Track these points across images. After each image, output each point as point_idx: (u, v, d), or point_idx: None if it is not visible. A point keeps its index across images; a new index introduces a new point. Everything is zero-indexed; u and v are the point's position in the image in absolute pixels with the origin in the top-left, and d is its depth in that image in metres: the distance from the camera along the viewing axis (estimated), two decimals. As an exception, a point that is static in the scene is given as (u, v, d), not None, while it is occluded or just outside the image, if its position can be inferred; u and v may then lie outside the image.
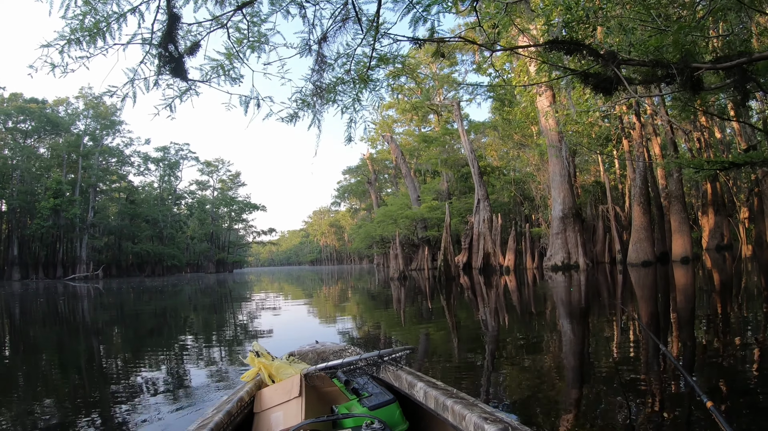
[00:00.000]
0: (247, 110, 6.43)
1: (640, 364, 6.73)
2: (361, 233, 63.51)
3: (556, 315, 12.23)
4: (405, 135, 70.08)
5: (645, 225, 28.23)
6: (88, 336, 12.45)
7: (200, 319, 15.81)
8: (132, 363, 8.46)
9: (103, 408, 5.61)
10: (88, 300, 26.46)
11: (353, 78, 6.61)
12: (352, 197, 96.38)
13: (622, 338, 8.72)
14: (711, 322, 9.64)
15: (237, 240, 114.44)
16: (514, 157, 53.35)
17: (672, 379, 5.78)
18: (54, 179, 69.05)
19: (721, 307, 11.66)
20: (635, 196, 28.83)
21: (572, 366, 6.97)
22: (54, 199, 66.45)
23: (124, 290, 35.49)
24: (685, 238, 27.88)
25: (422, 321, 12.46)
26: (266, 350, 4.17)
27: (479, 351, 8.09)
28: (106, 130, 79.41)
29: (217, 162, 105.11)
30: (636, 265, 27.87)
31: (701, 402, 2.64)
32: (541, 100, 31.66)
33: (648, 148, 29.69)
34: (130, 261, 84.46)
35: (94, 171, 74.94)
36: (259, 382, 3.78)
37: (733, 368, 6.27)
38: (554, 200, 32.39)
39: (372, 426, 2.83)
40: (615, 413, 4.73)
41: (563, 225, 31.44)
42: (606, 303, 13.97)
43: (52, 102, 76.92)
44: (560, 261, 31.10)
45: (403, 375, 3.56)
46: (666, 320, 10.39)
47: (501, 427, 2.34)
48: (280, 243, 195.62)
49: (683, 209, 28.54)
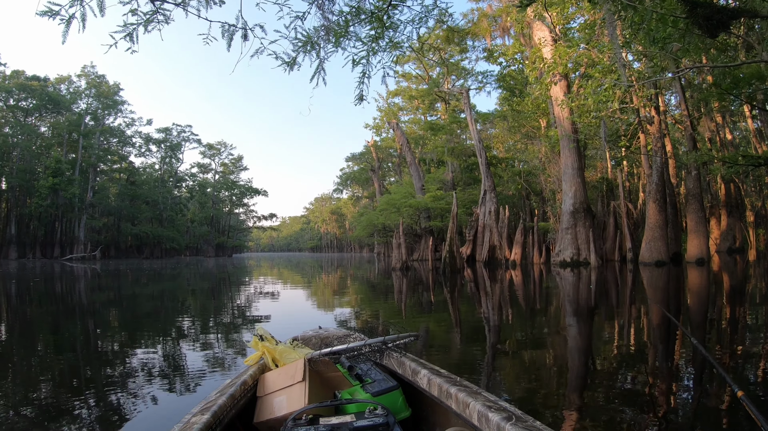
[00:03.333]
0: (230, 44, 5.25)
1: (671, 356, 6.90)
2: (363, 221, 63.13)
3: (585, 313, 11.50)
4: (411, 123, 69.45)
5: (660, 224, 27.19)
6: (84, 318, 12.06)
7: (198, 303, 15.60)
8: (129, 347, 8.18)
9: (99, 391, 5.42)
10: (85, 281, 26.00)
11: (371, 11, 5.44)
12: (355, 185, 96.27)
13: (651, 332, 8.86)
14: (741, 321, 9.57)
15: (237, 224, 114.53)
16: (521, 149, 52.74)
17: (702, 370, 5.93)
18: (54, 158, 68.52)
19: (750, 308, 11.56)
20: (651, 192, 27.72)
21: (604, 361, 6.78)
22: (53, 178, 66.08)
23: (122, 272, 35.12)
24: (702, 239, 26.88)
25: (425, 313, 11.69)
26: (270, 334, 4.10)
27: (513, 364, 7.07)
28: (108, 110, 79.04)
29: (219, 145, 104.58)
30: (649, 265, 26.90)
31: (732, 392, 2.75)
32: (556, 89, 30.63)
33: (663, 144, 28.66)
34: (129, 243, 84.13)
35: (94, 151, 74.62)
36: (263, 366, 3.77)
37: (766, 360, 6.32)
38: (565, 194, 31.41)
39: (375, 412, 2.83)
40: (642, 405, 4.73)
41: (573, 220, 30.48)
42: (629, 300, 13.76)
43: (54, 80, 76.55)
44: (569, 257, 30.15)
45: (406, 362, 3.56)
46: (697, 319, 10.20)
47: (505, 416, 2.32)
48: (280, 229, 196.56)
49: (701, 208, 27.44)
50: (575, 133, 30.53)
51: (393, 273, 28.24)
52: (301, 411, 2.84)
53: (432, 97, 61.04)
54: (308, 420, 2.77)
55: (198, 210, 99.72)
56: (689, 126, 27.28)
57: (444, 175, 55.22)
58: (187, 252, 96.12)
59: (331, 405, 3.06)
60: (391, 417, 2.81)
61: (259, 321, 10.74)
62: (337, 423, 2.75)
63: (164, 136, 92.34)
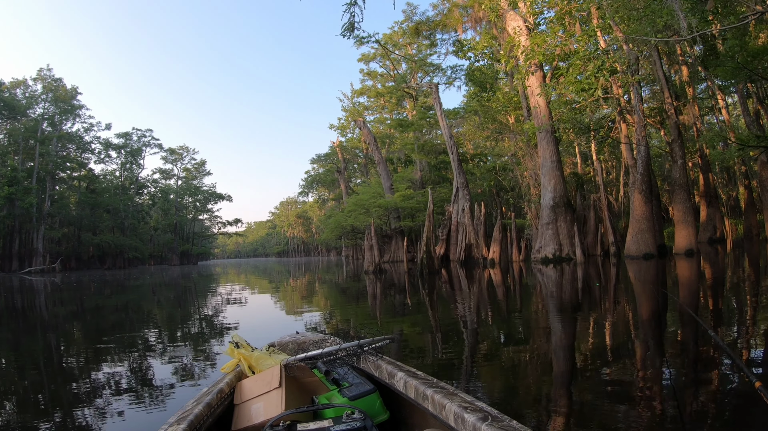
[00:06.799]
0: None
1: (686, 348, 6.79)
2: (331, 223, 62.50)
3: (600, 311, 10.50)
4: (377, 123, 68.65)
5: (647, 215, 26.18)
6: (45, 334, 11.51)
7: (165, 314, 15.17)
8: (95, 362, 7.79)
9: (66, 410, 5.18)
10: (45, 295, 24.98)
11: None
12: (321, 187, 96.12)
13: (665, 324, 8.79)
14: (753, 312, 9.10)
15: (202, 231, 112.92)
16: (491, 146, 52.17)
17: (718, 361, 5.84)
18: (10, 166, 65.54)
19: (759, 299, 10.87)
20: (636, 183, 26.70)
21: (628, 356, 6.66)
22: (9, 187, 62.94)
23: (84, 283, 34.02)
24: (690, 230, 25.96)
25: (423, 325, 10.14)
26: (246, 341, 4.05)
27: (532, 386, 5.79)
28: (66, 115, 75.90)
29: (181, 150, 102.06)
30: (636, 258, 25.99)
31: (749, 383, 2.90)
32: (532, 79, 29.61)
33: (647, 133, 27.82)
34: (91, 254, 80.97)
35: (52, 158, 71.44)
36: (239, 373, 3.74)
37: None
38: (544, 188, 30.33)
39: (352, 416, 2.80)
40: (660, 395, 4.71)
41: (554, 215, 29.41)
42: (634, 291, 13.64)
43: (8, 84, 72.68)
44: (551, 254, 29.07)
45: (383, 365, 3.56)
46: (705, 310, 9.71)
47: (481, 416, 2.32)
48: (246, 234, 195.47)
49: (688, 198, 26.51)
50: (551, 125, 29.52)
51: (366, 276, 26.99)
52: (278, 418, 2.83)
53: (400, 93, 60.06)
54: (286, 427, 2.75)
55: (161, 217, 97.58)
56: (673, 114, 26.41)
57: (413, 173, 54.52)
58: (151, 261, 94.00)
59: (308, 410, 3.02)
60: (368, 421, 2.77)
61: (228, 329, 10.51)
62: (314, 428, 2.74)
63: (124, 141, 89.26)
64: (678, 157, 26.14)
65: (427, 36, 49.47)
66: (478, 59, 44.49)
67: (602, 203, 30.71)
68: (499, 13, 31.69)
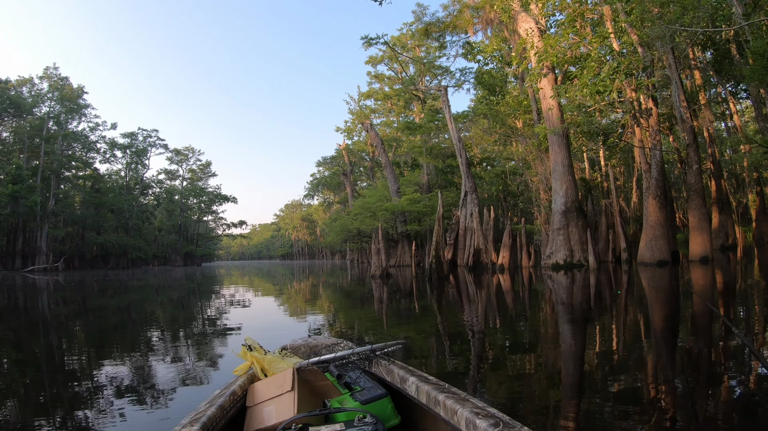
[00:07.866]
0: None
1: (715, 347, 6.92)
2: (337, 226, 62.06)
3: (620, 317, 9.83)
4: (384, 126, 68.27)
5: (661, 221, 25.65)
6: (48, 333, 11.42)
7: (168, 315, 15.12)
8: (97, 362, 7.68)
9: (66, 410, 5.13)
10: (48, 294, 24.97)
11: None
12: (326, 190, 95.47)
13: (696, 329, 8.82)
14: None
15: (206, 232, 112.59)
16: (499, 151, 51.74)
17: (743, 360, 5.93)
18: (15, 164, 65.47)
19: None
20: (650, 188, 26.16)
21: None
22: (13, 185, 62.89)
23: (87, 283, 34.05)
24: (705, 236, 25.38)
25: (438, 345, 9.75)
26: (258, 344, 4.03)
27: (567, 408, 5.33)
28: (72, 114, 75.92)
29: (186, 150, 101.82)
30: (650, 265, 25.40)
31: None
32: (544, 81, 29.15)
33: (661, 138, 27.34)
34: (94, 253, 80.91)
35: (57, 156, 71.25)
36: (252, 376, 3.75)
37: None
38: (555, 192, 29.82)
39: (364, 420, 2.83)
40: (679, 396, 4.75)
41: (565, 221, 28.89)
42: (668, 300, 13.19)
43: (15, 82, 72.70)
44: (562, 260, 28.50)
45: (395, 369, 3.55)
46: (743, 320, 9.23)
47: (492, 422, 2.32)
48: (250, 236, 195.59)
49: (703, 204, 25.93)
50: (563, 129, 29.07)
51: (372, 280, 26.48)
52: (290, 421, 2.84)
53: (407, 96, 59.63)
54: (298, 430, 2.75)
55: (165, 218, 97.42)
56: (689, 117, 25.87)
57: (420, 177, 54.09)
58: (155, 262, 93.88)
59: (320, 414, 3.07)
60: (380, 425, 2.79)
61: (231, 331, 10.48)
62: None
63: (129, 141, 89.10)
64: (693, 161, 25.58)
65: (437, 38, 48.90)
66: (487, 62, 44.12)
67: (614, 209, 30.22)
68: (511, 15, 31.28)
